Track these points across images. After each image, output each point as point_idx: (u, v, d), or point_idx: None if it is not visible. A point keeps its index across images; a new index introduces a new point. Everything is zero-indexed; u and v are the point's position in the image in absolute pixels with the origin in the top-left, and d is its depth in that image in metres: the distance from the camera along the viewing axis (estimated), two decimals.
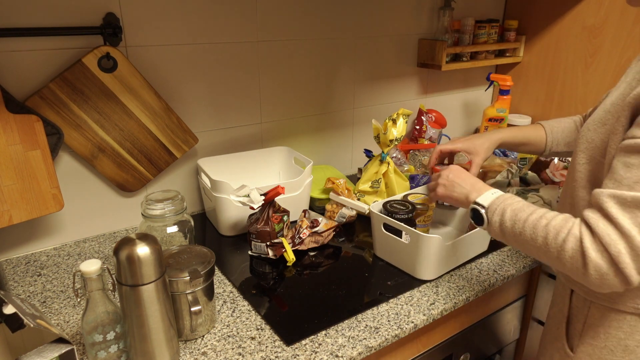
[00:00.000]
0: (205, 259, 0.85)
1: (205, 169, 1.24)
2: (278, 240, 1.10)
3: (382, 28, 1.60)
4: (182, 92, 1.26)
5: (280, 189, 1.09)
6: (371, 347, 0.85)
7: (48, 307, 0.95)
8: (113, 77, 1.11)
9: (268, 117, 1.44)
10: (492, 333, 1.22)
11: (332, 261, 1.12)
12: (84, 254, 1.15)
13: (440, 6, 1.68)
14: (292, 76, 1.45)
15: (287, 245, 1.09)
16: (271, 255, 1.09)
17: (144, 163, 1.22)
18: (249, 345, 0.84)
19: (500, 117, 1.74)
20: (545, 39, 1.83)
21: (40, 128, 1.02)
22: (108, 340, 0.76)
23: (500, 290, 1.18)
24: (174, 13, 1.18)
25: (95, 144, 1.14)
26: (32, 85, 1.05)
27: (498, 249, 1.17)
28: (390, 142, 1.29)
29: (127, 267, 0.71)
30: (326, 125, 1.59)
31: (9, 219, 1.01)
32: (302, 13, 1.40)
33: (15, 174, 1.00)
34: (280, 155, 1.43)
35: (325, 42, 1.48)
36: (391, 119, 1.29)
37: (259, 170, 1.40)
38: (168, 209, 1.00)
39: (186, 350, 0.83)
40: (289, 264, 1.09)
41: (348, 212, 1.27)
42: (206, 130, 1.33)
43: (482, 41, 1.78)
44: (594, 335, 0.79)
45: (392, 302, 0.96)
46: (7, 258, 1.13)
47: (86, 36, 1.08)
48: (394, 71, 1.69)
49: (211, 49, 1.27)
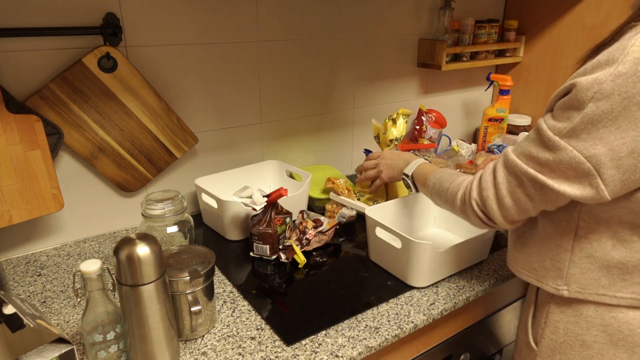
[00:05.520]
0: (205, 259, 0.85)
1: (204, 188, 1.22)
2: (288, 244, 1.10)
3: (382, 28, 1.60)
4: (182, 92, 1.26)
5: (283, 191, 1.09)
6: (371, 347, 0.85)
7: (48, 307, 0.95)
8: (113, 77, 1.11)
9: (268, 117, 1.44)
10: (492, 333, 1.22)
11: (333, 260, 1.12)
12: (84, 254, 1.15)
13: (440, 6, 1.68)
14: (292, 76, 1.45)
15: (297, 248, 1.09)
16: (284, 259, 1.09)
17: (144, 163, 1.22)
18: (249, 345, 0.84)
19: (500, 117, 1.74)
20: (545, 39, 1.83)
21: (40, 128, 1.02)
22: (108, 340, 0.76)
23: (500, 290, 1.18)
24: (174, 13, 1.18)
25: (95, 144, 1.14)
26: (32, 85, 1.05)
27: (498, 249, 1.17)
28: (390, 142, 1.29)
29: (127, 267, 0.71)
30: (326, 125, 1.59)
31: (9, 219, 1.01)
32: (302, 13, 1.40)
33: (15, 174, 1.00)
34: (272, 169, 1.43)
35: (325, 42, 1.48)
36: (391, 118, 1.29)
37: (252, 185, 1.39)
38: (168, 209, 1.00)
39: (186, 350, 0.83)
40: (300, 266, 1.09)
41: (348, 212, 1.27)
42: (206, 130, 1.33)
43: (482, 41, 1.78)
44: (554, 331, 0.81)
45: (392, 302, 0.96)
46: (7, 258, 1.13)
47: (86, 36, 1.08)
48: (394, 71, 1.69)
49: (211, 49, 1.27)
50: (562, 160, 0.66)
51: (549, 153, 0.68)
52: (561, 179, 0.68)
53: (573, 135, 0.65)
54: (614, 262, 0.72)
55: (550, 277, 0.79)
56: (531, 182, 0.71)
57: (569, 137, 0.66)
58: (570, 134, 0.65)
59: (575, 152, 0.65)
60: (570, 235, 0.76)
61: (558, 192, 0.69)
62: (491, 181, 0.78)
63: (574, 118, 0.65)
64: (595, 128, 0.63)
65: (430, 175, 0.97)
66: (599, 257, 0.74)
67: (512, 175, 0.74)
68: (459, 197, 0.85)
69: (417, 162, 1.06)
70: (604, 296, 0.75)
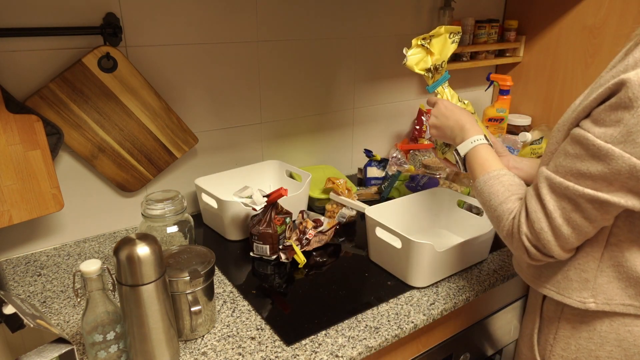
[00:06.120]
0: (205, 259, 0.85)
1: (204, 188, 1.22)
2: (288, 244, 1.10)
3: (382, 28, 1.60)
4: (182, 92, 1.26)
5: (283, 191, 1.09)
6: (371, 347, 0.85)
7: (48, 307, 0.95)
8: (113, 77, 1.11)
9: (268, 117, 1.44)
10: (492, 333, 1.22)
11: (333, 260, 1.12)
12: (84, 254, 1.15)
13: (440, 6, 1.68)
14: (292, 76, 1.45)
15: (297, 248, 1.09)
16: (284, 259, 1.09)
17: (144, 163, 1.22)
18: (249, 345, 0.84)
19: (500, 117, 1.74)
20: (545, 39, 1.83)
21: (40, 128, 1.02)
22: (108, 340, 0.76)
23: (500, 290, 1.18)
24: (174, 13, 1.18)
25: (95, 144, 1.14)
26: (32, 85, 1.05)
27: (498, 249, 1.17)
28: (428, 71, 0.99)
29: (127, 267, 0.71)
30: (326, 125, 1.59)
31: (9, 219, 1.01)
32: (302, 13, 1.40)
33: (15, 174, 1.00)
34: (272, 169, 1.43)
35: (326, 42, 1.48)
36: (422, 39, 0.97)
37: (252, 185, 1.40)
38: (168, 209, 1.00)
39: (186, 350, 0.83)
40: (300, 266, 1.09)
41: (348, 212, 1.27)
42: (206, 130, 1.33)
43: (482, 41, 1.78)
44: (565, 347, 0.78)
45: (392, 302, 0.96)
46: (7, 258, 1.13)
47: (86, 36, 1.08)
48: (394, 71, 1.69)
49: (211, 49, 1.27)
50: (620, 171, 0.60)
51: (602, 165, 0.61)
52: (623, 192, 0.62)
53: (628, 140, 0.59)
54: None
55: (575, 290, 0.74)
56: (590, 203, 0.64)
57: (624, 143, 0.59)
58: (625, 138, 0.59)
59: (634, 160, 0.59)
60: (601, 243, 0.71)
61: (625, 207, 0.63)
62: (541, 211, 0.69)
63: (627, 120, 0.58)
64: None
65: (482, 174, 0.83)
66: (629, 267, 0.70)
67: (564, 200, 0.66)
68: (505, 227, 0.75)
69: (474, 140, 0.88)
70: (630, 306, 0.71)
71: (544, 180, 0.69)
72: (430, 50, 0.98)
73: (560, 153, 0.67)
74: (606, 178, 0.62)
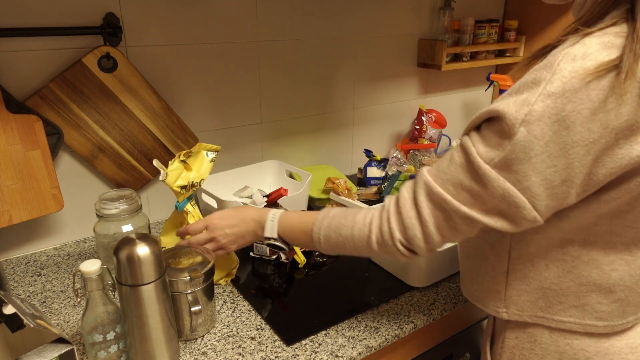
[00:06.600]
0: (205, 259, 0.85)
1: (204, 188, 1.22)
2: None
3: (382, 28, 1.60)
4: (182, 92, 1.26)
5: (283, 191, 1.09)
6: (371, 347, 0.85)
7: (48, 307, 0.95)
8: (113, 77, 1.11)
9: (268, 117, 1.44)
10: None
11: (333, 260, 1.12)
12: (84, 254, 1.15)
13: (440, 6, 1.68)
14: (292, 76, 1.45)
15: (297, 248, 1.09)
16: (284, 259, 1.09)
17: (144, 163, 1.22)
18: (249, 345, 0.84)
19: None
20: (545, 39, 1.83)
21: (40, 128, 1.02)
22: (108, 340, 0.76)
23: None
24: (174, 13, 1.18)
25: (95, 144, 1.14)
26: (32, 85, 1.05)
27: None
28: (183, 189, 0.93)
29: (127, 267, 0.71)
30: (326, 125, 1.59)
31: (9, 219, 1.01)
32: (302, 13, 1.40)
33: (15, 174, 1.00)
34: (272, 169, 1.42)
35: (325, 42, 1.48)
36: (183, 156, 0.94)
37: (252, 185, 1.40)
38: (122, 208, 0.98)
39: (186, 350, 0.83)
40: (300, 266, 1.09)
41: None
42: (206, 130, 1.33)
43: (482, 41, 1.78)
44: (511, 357, 0.78)
45: (392, 302, 0.96)
46: (7, 258, 1.13)
47: (86, 36, 1.08)
48: (394, 71, 1.69)
49: (211, 49, 1.27)
50: (494, 194, 0.60)
51: (479, 186, 0.62)
52: (493, 213, 0.63)
53: (504, 167, 0.59)
54: (548, 282, 0.70)
55: (490, 300, 0.76)
56: (462, 219, 0.64)
57: (501, 169, 0.59)
58: (502, 164, 0.59)
59: (509, 185, 0.59)
60: (505, 257, 0.73)
61: (494, 227, 0.63)
62: (416, 217, 0.68)
63: (506, 146, 0.58)
64: (527, 157, 0.57)
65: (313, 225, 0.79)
66: (534, 278, 0.71)
67: (439, 210, 0.66)
68: (374, 240, 0.73)
69: (274, 215, 0.85)
70: (543, 318, 0.72)
71: (423, 185, 0.67)
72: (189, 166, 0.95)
73: (446, 157, 0.66)
74: (481, 197, 0.62)
